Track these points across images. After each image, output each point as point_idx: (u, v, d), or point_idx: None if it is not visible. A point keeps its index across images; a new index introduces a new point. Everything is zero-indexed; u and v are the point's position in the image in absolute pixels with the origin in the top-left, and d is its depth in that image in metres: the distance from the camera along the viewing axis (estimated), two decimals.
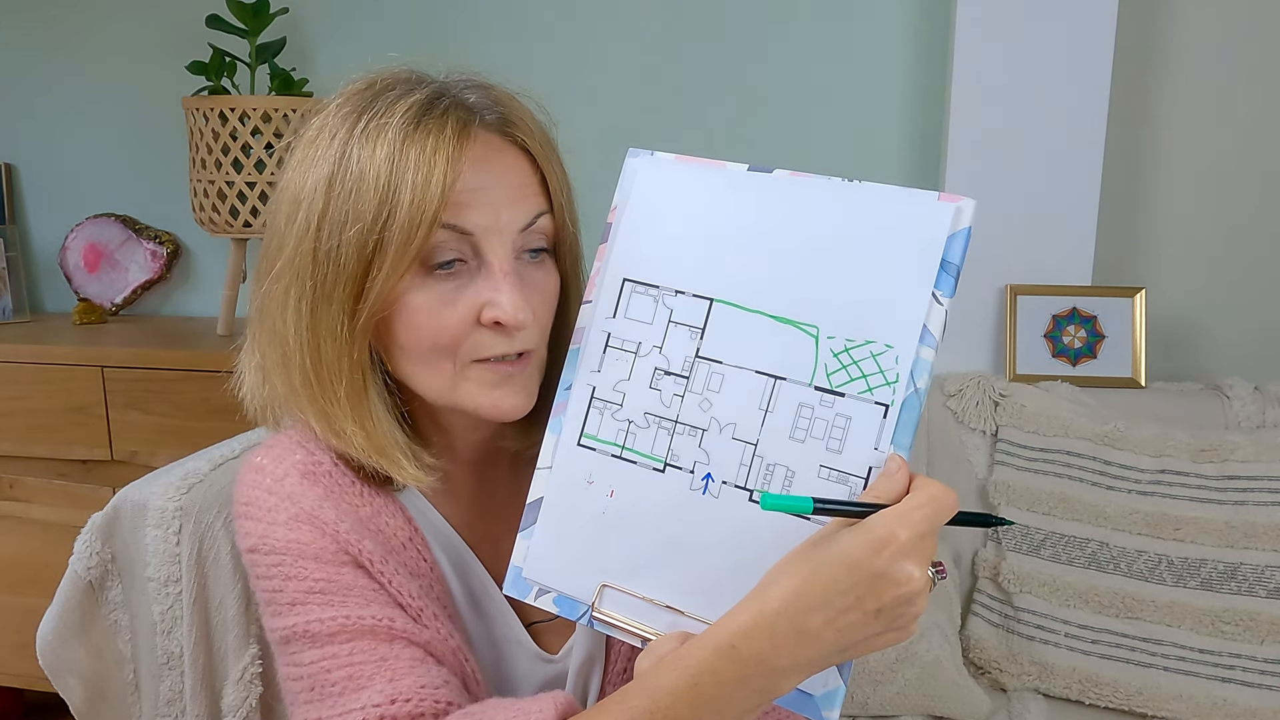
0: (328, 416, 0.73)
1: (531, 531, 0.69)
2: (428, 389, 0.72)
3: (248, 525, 0.75)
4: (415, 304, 0.69)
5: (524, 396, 0.72)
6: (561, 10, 1.91)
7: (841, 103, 1.84)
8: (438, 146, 0.67)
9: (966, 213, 0.61)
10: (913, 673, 1.36)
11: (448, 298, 0.69)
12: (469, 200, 0.68)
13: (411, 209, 0.66)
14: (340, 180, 0.68)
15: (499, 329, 0.69)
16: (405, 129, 0.68)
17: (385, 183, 0.67)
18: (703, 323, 0.66)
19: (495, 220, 0.69)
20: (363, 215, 0.67)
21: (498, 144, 0.72)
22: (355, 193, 0.67)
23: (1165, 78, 1.73)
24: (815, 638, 0.57)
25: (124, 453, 1.80)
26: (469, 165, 0.68)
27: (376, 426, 0.73)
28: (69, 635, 1.07)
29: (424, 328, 0.70)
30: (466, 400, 0.71)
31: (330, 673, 0.70)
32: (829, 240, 0.63)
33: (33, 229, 2.21)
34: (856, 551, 0.56)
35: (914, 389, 0.60)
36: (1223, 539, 1.41)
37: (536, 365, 0.74)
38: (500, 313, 0.68)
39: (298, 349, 0.71)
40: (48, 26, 2.11)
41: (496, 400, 0.71)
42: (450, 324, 0.69)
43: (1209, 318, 1.78)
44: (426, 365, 0.71)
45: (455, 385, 0.71)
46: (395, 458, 0.73)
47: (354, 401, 0.72)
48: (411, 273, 0.68)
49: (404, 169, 0.67)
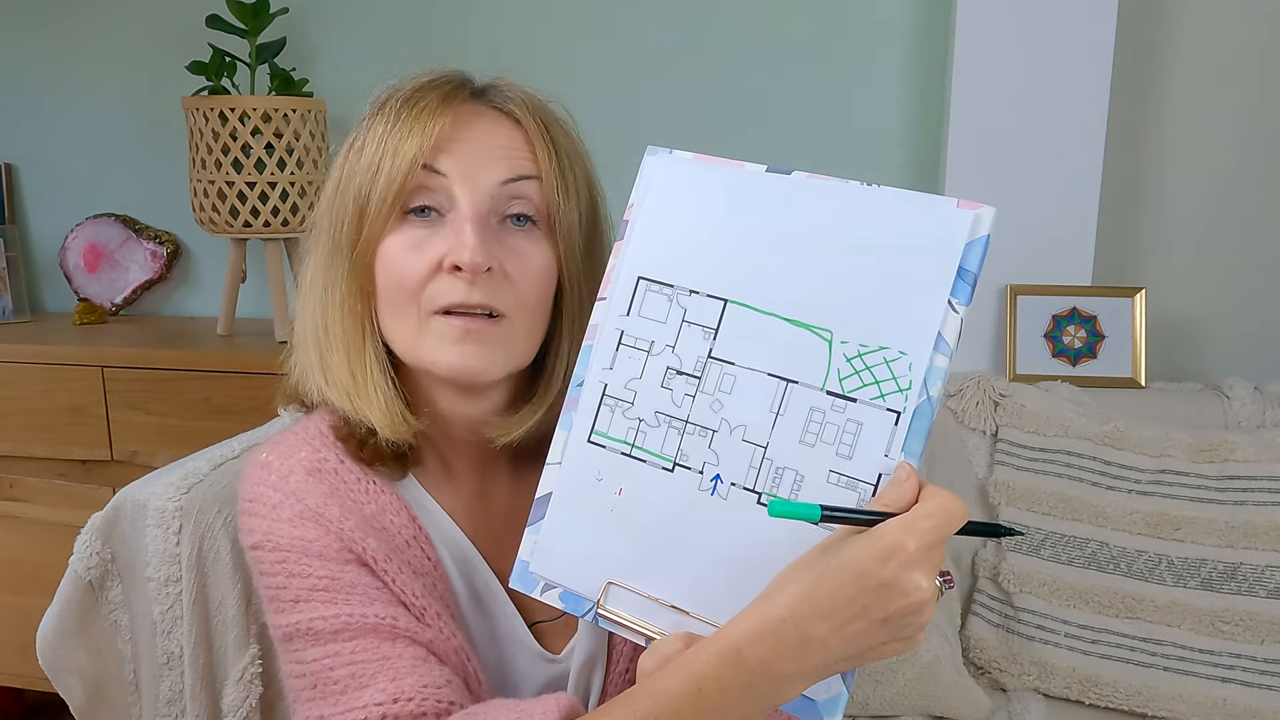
0: (329, 366, 0.76)
1: (539, 526, 0.69)
2: (399, 341, 0.74)
3: (252, 522, 0.75)
4: (390, 247, 0.73)
5: (486, 360, 0.72)
6: (562, 10, 1.91)
7: (841, 103, 1.84)
8: (426, 104, 0.73)
9: (985, 220, 0.61)
10: (913, 673, 1.36)
11: (418, 243, 0.73)
12: (447, 147, 0.73)
13: (395, 156, 0.72)
14: (351, 152, 0.76)
15: (459, 274, 0.71)
16: (406, 97, 0.74)
17: (378, 142, 0.73)
18: (716, 323, 0.65)
19: (470, 169, 0.73)
20: (360, 171, 0.74)
21: (488, 113, 0.76)
22: (357, 156, 0.75)
23: (1165, 78, 1.74)
24: (821, 645, 0.56)
25: (124, 453, 1.80)
26: (453, 119, 0.73)
27: (366, 375, 0.75)
28: (69, 635, 1.07)
29: (393, 271, 0.73)
30: (427, 354, 0.73)
31: (333, 671, 0.70)
32: (845, 244, 0.63)
33: (33, 229, 2.21)
34: (864, 560, 0.55)
35: (926, 396, 0.60)
36: (1223, 539, 1.41)
37: (507, 334, 0.73)
38: (458, 255, 0.70)
39: (313, 304, 0.77)
40: (48, 27, 2.11)
41: (454, 358, 0.72)
42: (416, 267, 0.72)
43: (1209, 318, 1.78)
44: (396, 313, 0.74)
45: (419, 337, 0.73)
46: (373, 401, 0.75)
47: (351, 351, 0.75)
48: (395, 218, 0.73)
49: (394, 128, 0.73)
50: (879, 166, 1.85)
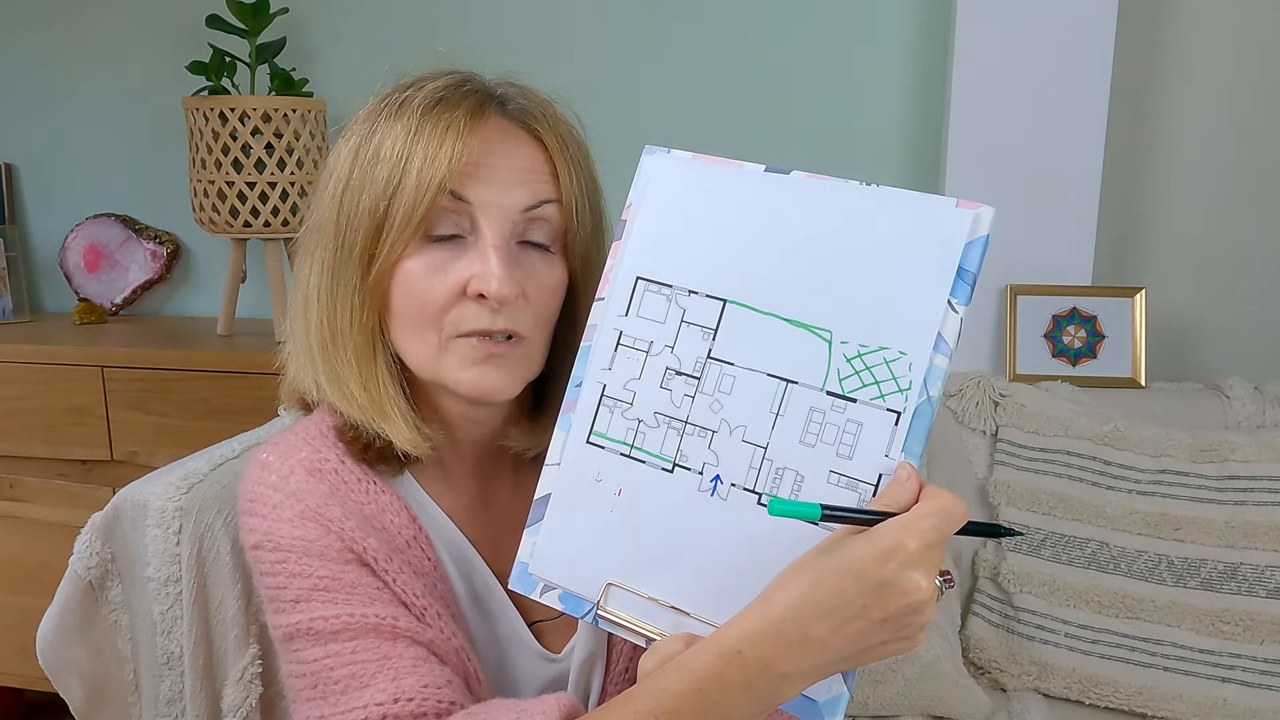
0: (337, 377, 0.75)
1: (538, 528, 0.69)
2: (415, 358, 0.74)
3: (252, 521, 0.75)
4: (411, 270, 0.72)
5: (505, 379, 0.73)
6: (562, 9, 1.91)
7: (841, 103, 1.84)
8: (451, 122, 0.71)
9: (985, 220, 0.60)
10: (913, 673, 1.36)
11: (440, 266, 0.72)
12: (473, 173, 0.71)
13: (419, 176, 0.70)
14: (363, 152, 0.73)
15: (483, 302, 0.71)
16: (425, 105, 0.72)
17: (399, 153, 0.71)
18: (715, 324, 0.65)
19: (495, 195, 0.72)
20: (377, 181, 0.71)
21: (513, 130, 0.75)
22: (373, 162, 0.72)
23: (1165, 78, 1.74)
24: (820, 645, 0.56)
25: (124, 453, 1.80)
26: (479, 141, 0.71)
27: (381, 390, 0.75)
28: (69, 635, 1.07)
29: (415, 294, 0.72)
30: (447, 373, 0.73)
31: (333, 671, 0.70)
32: (845, 244, 0.63)
33: (33, 229, 2.21)
34: (863, 560, 0.55)
35: (926, 396, 0.60)
36: (1223, 539, 1.41)
37: (526, 354, 0.74)
38: (484, 285, 0.70)
39: (317, 309, 0.75)
40: (48, 27, 2.11)
41: (475, 378, 0.72)
42: (438, 292, 0.71)
43: (1209, 318, 1.78)
44: (415, 334, 0.73)
45: (439, 358, 0.73)
46: (394, 419, 0.74)
47: (362, 364, 0.74)
48: (416, 240, 0.71)
49: (417, 141, 0.70)
50: (879, 166, 1.85)
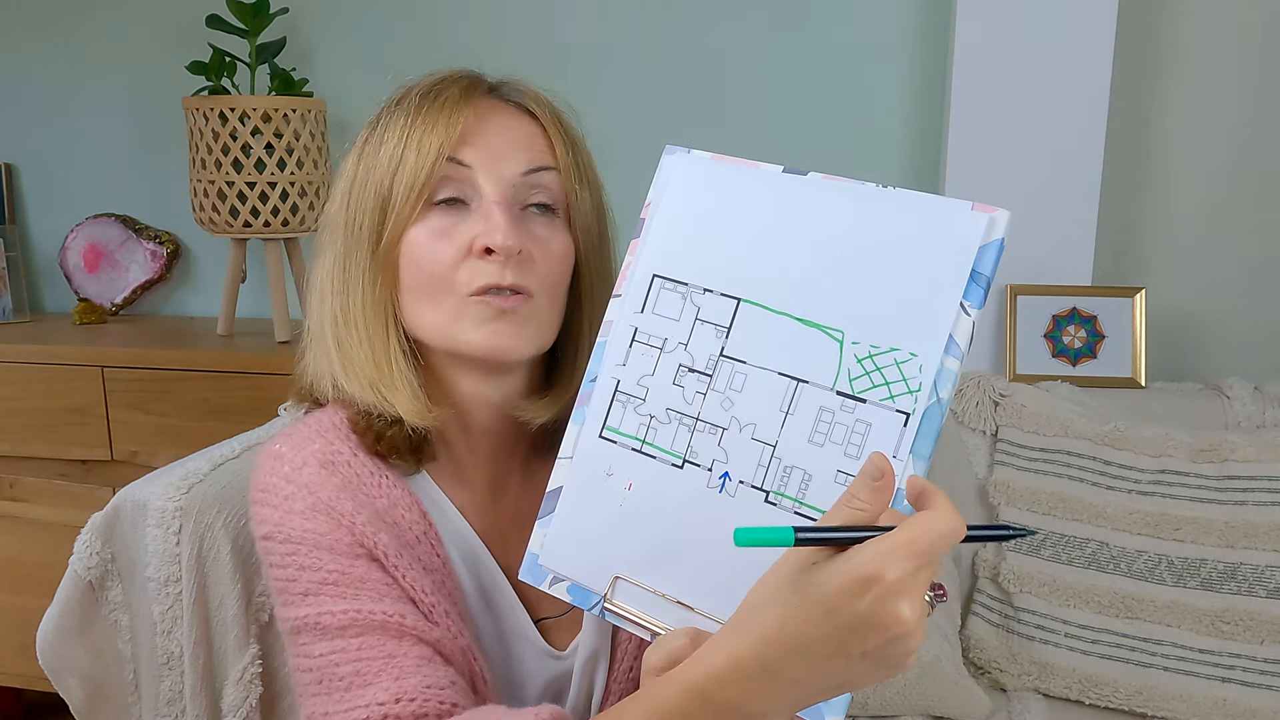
0: (352, 361, 0.76)
1: (549, 520, 0.69)
2: (429, 327, 0.75)
3: (264, 512, 0.75)
4: (417, 238, 0.74)
5: (516, 337, 0.74)
6: (563, 11, 1.91)
7: (841, 103, 1.84)
8: (448, 99, 0.75)
9: (1000, 224, 0.61)
10: (913, 673, 1.36)
11: (446, 231, 0.74)
12: (471, 140, 0.75)
13: (419, 148, 0.73)
14: (368, 148, 0.77)
15: (490, 257, 0.72)
16: (422, 92, 0.76)
17: (400, 134, 0.74)
18: (729, 322, 0.66)
19: (493, 160, 0.75)
20: (380, 164, 0.75)
21: (508, 107, 0.78)
22: (377, 151, 0.76)
23: (1165, 78, 1.74)
24: (792, 683, 0.53)
25: (124, 453, 1.80)
26: (475, 113, 0.75)
27: (392, 365, 0.76)
28: (69, 635, 1.07)
29: (424, 260, 0.74)
30: (461, 336, 0.74)
31: (338, 667, 0.70)
32: (859, 245, 0.63)
33: (33, 229, 2.21)
34: (835, 594, 0.50)
35: (936, 398, 0.60)
36: (1223, 539, 1.42)
37: (535, 312, 0.75)
38: (489, 238, 0.72)
39: (330, 298, 0.78)
40: (48, 27, 2.11)
41: (488, 336, 0.73)
42: (446, 254, 0.73)
43: (1209, 318, 1.78)
44: (428, 301, 0.74)
45: (453, 322, 0.74)
46: (401, 389, 0.75)
47: (375, 343, 0.76)
48: (420, 209, 0.74)
49: (415, 120, 0.74)
50: (879, 167, 1.85)
